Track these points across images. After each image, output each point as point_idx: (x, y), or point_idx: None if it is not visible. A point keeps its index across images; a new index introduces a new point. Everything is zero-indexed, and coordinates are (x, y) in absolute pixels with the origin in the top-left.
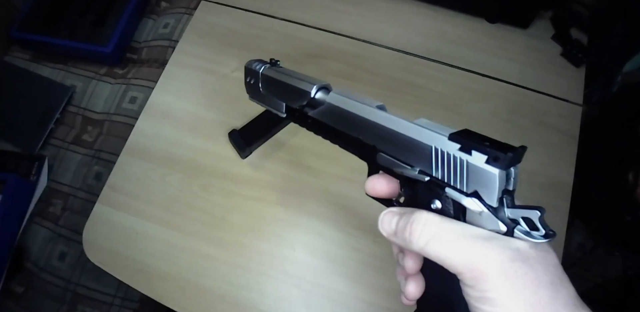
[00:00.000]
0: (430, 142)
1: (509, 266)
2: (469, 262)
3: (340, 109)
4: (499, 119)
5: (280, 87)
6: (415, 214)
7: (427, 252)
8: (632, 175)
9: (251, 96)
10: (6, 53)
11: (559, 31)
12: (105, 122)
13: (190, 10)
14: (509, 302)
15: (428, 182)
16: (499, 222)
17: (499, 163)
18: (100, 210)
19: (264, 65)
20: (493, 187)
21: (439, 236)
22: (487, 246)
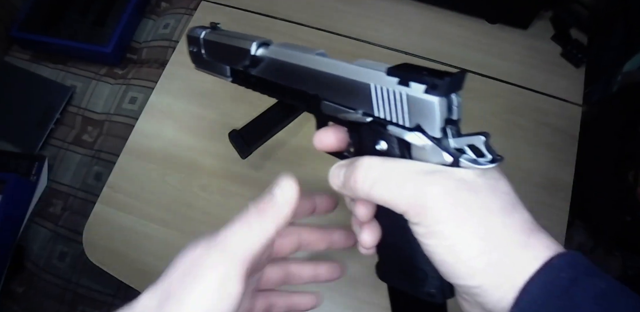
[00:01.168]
0: (368, 80)
1: (453, 196)
2: (411, 198)
3: (281, 62)
4: (499, 119)
5: (223, 49)
6: (358, 161)
7: (373, 196)
8: (632, 175)
9: (197, 66)
10: (6, 53)
11: (559, 31)
12: (105, 122)
13: (190, 10)
14: (457, 232)
15: (370, 123)
16: (443, 153)
17: (437, 90)
18: (100, 210)
19: (205, 30)
20: (434, 117)
21: (381, 178)
22: (428, 179)
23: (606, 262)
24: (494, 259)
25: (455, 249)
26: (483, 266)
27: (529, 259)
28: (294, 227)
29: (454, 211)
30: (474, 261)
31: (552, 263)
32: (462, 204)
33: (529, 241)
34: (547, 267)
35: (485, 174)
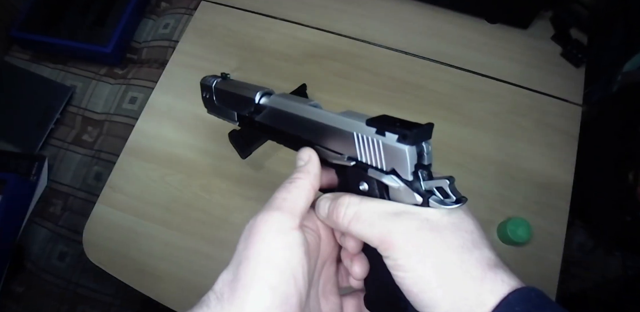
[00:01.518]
0: (351, 129)
1: (415, 234)
2: (380, 236)
3: (280, 110)
4: (499, 119)
5: (231, 97)
6: (340, 198)
7: (351, 231)
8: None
9: (209, 110)
10: (6, 53)
11: (559, 31)
12: (105, 122)
13: (190, 10)
14: (419, 266)
15: (354, 166)
16: (414, 194)
17: (407, 140)
18: (100, 210)
19: (217, 80)
20: (405, 163)
21: (358, 216)
22: (395, 219)
23: (606, 262)
24: (451, 291)
25: (418, 281)
26: (441, 297)
27: (485, 293)
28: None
29: (416, 248)
30: (433, 292)
31: (508, 299)
32: (423, 242)
33: (486, 275)
34: (503, 302)
35: (450, 214)
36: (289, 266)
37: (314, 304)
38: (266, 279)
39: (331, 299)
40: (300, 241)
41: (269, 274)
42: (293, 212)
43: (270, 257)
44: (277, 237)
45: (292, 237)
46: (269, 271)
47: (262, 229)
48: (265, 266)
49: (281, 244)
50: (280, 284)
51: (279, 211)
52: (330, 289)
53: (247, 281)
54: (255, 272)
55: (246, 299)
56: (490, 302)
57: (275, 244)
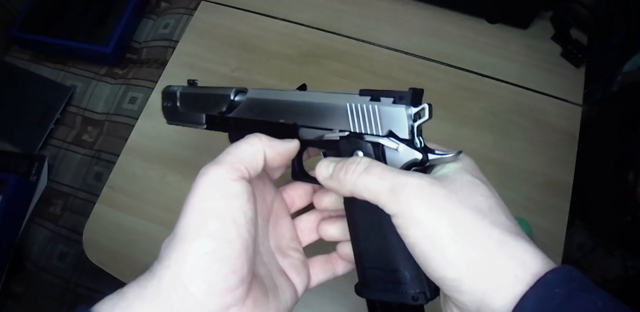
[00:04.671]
0: (344, 102)
1: (428, 188)
2: (390, 187)
3: (259, 99)
4: (499, 119)
5: (200, 99)
6: (352, 158)
7: (357, 186)
8: (632, 175)
9: (169, 120)
10: (6, 53)
11: (559, 31)
12: (106, 122)
13: (190, 10)
14: (432, 220)
15: (348, 136)
16: (414, 151)
17: (404, 100)
18: (100, 210)
19: (181, 87)
20: (403, 123)
21: (367, 170)
22: (407, 173)
23: (606, 262)
24: (468, 250)
25: (432, 236)
26: (456, 254)
27: (505, 258)
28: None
29: (428, 201)
30: (448, 249)
31: (545, 278)
32: (436, 196)
33: (505, 240)
34: (540, 282)
35: (464, 178)
36: (227, 213)
37: (268, 259)
38: (203, 228)
39: (291, 255)
40: (240, 189)
41: (205, 223)
42: (233, 165)
43: (206, 207)
44: (214, 188)
45: (231, 187)
46: (206, 219)
47: (199, 184)
48: (201, 216)
49: (218, 194)
50: (218, 230)
51: (217, 164)
52: (287, 245)
53: (183, 234)
54: (190, 223)
55: (186, 250)
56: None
57: (211, 195)
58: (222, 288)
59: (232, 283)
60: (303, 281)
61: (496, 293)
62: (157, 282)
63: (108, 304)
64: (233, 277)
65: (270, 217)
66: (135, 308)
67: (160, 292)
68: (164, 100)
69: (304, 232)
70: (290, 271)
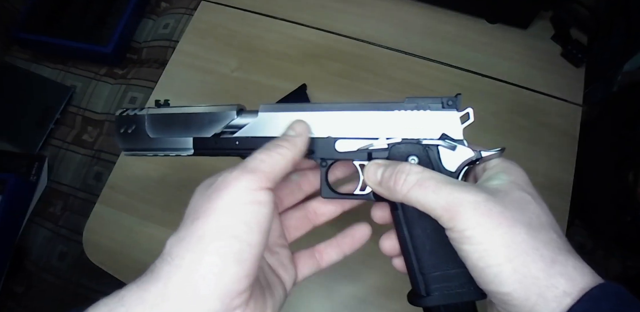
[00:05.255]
0: (392, 109)
1: (483, 205)
2: (446, 204)
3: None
4: (499, 119)
5: (184, 120)
6: (400, 165)
7: (409, 198)
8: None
9: (129, 149)
10: (6, 53)
11: (559, 31)
12: (106, 122)
13: (190, 10)
14: (487, 238)
15: (401, 143)
16: (469, 150)
17: (454, 104)
18: (100, 210)
19: (146, 108)
20: (457, 124)
21: (420, 183)
22: (462, 188)
23: (606, 262)
24: (520, 268)
25: (485, 254)
26: (509, 273)
27: (555, 275)
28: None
29: (484, 218)
30: (501, 267)
31: (592, 292)
32: (491, 214)
33: (556, 257)
34: (587, 296)
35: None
36: (254, 218)
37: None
38: (229, 229)
39: (278, 251)
40: (269, 198)
41: (232, 225)
42: (268, 175)
43: (236, 210)
44: (246, 193)
45: (262, 195)
46: (233, 222)
47: (232, 184)
48: (229, 218)
49: (250, 199)
50: (244, 233)
51: (250, 173)
52: (275, 242)
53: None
54: (214, 224)
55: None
56: (562, 286)
57: (243, 200)
58: (234, 290)
59: (243, 286)
60: (291, 278)
61: (544, 307)
62: (164, 284)
63: (103, 310)
64: (246, 281)
65: None
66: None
67: (166, 295)
68: (120, 126)
69: (289, 229)
70: (278, 269)
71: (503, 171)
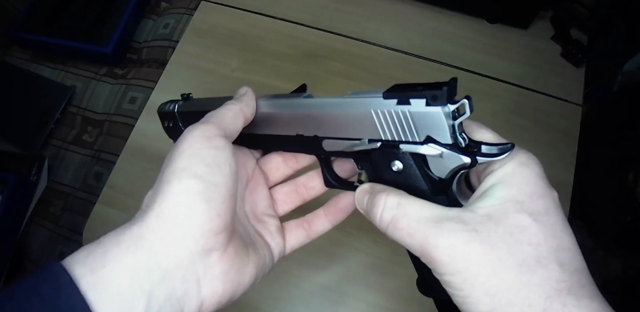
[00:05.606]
0: (367, 108)
1: (462, 249)
2: (420, 248)
3: (271, 113)
4: (499, 119)
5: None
6: (376, 198)
7: (390, 236)
8: (632, 175)
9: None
10: (6, 53)
11: (559, 31)
12: (105, 122)
13: (190, 10)
14: (465, 287)
15: (381, 147)
16: (460, 156)
17: (438, 100)
18: (100, 210)
19: (176, 104)
20: (442, 126)
21: (395, 222)
22: (437, 231)
23: (606, 263)
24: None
25: (466, 301)
26: None
27: None
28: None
29: (462, 264)
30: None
31: None
32: (470, 258)
33: (549, 307)
34: None
35: (505, 222)
36: (214, 160)
37: (244, 221)
38: (189, 170)
39: (267, 220)
40: (225, 144)
41: (192, 166)
42: (218, 125)
43: (194, 153)
44: (203, 140)
45: (218, 140)
46: (193, 163)
47: (188, 136)
48: (189, 160)
49: (206, 144)
50: (205, 173)
51: (203, 123)
52: (262, 211)
53: (168, 177)
54: (177, 167)
55: (172, 189)
56: None
57: (200, 145)
58: (206, 229)
59: (216, 226)
60: (278, 246)
61: None
62: (138, 226)
63: (82, 253)
64: (217, 221)
65: (249, 184)
66: (113, 254)
67: (140, 236)
68: (163, 121)
69: (277, 203)
70: (265, 235)
71: (502, 181)
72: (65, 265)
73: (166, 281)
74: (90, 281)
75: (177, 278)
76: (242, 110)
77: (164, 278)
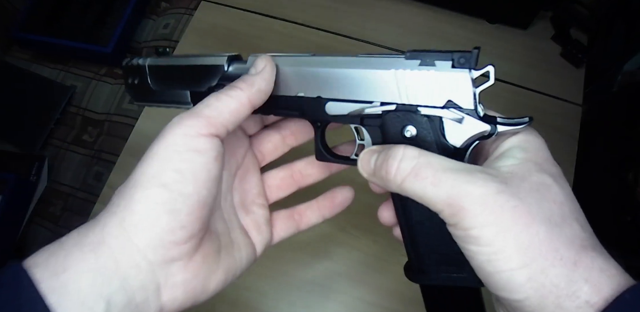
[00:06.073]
0: (387, 68)
1: (494, 199)
2: (447, 197)
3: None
4: None
5: (180, 73)
6: (392, 150)
7: (405, 189)
8: (632, 175)
9: (138, 99)
10: (6, 53)
11: (559, 31)
12: (105, 122)
13: (190, 10)
14: (497, 240)
15: (396, 110)
16: (481, 123)
17: (466, 63)
18: (100, 210)
19: (147, 58)
20: (467, 90)
21: (416, 172)
22: (468, 179)
23: None
24: (537, 275)
25: (494, 258)
26: (524, 281)
27: (579, 281)
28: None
29: (495, 216)
30: (514, 274)
31: (623, 297)
32: (503, 209)
33: (579, 259)
34: (617, 301)
35: (530, 179)
36: (188, 167)
37: (229, 215)
38: (157, 177)
39: (255, 211)
40: (209, 146)
41: (162, 172)
42: (210, 120)
43: (168, 157)
44: (183, 140)
45: (200, 142)
46: (163, 169)
47: (170, 132)
48: (160, 165)
49: (186, 147)
50: (174, 182)
51: (192, 116)
52: (252, 200)
53: (137, 181)
54: (147, 171)
55: (135, 197)
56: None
57: (178, 147)
58: (167, 241)
59: (179, 238)
60: (264, 239)
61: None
62: (100, 229)
63: (43, 255)
64: (181, 233)
65: (239, 172)
66: (74, 257)
67: (102, 241)
68: (128, 76)
69: (271, 188)
70: (251, 229)
71: (519, 145)
72: (25, 267)
73: (125, 288)
74: (50, 285)
75: (136, 286)
76: (251, 100)
77: (123, 285)
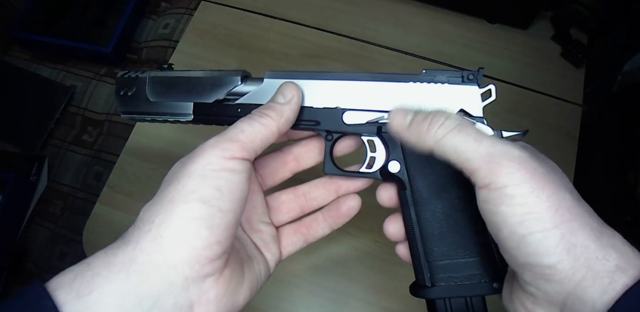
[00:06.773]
0: (407, 81)
1: (530, 163)
2: (487, 154)
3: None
4: (498, 119)
5: (187, 84)
6: (436, 111)
7: (444, 144)
8: (632, 175)
9: (126, 111)
10: (6, 53)
11: (559, 31)
12: (106, 122)
13: (190, 10)
14: (531, 199)
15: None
16: (488, 128)
17: (475, 79)
18: (100, 210)
19: (148, 71)
20: (476, 100)
21: (459, 128)
22: (506, 142)
23: None
24: (567, 235)
25: (528, 218)
26: (557, 240)
27: (606, 247)
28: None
29: (530, 175)
30: (546, 234)
31: None
32: (535, 173)
33: (602, 229)
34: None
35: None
36: (226, 184)
37: (240, 232)
38: (196, 192)
39: (261, 229)
40: (242, 167)
41: (201, 188)
42: (244, 145)
43: (207, 175)
44: (219, 160)
45: (236, 164)
46: (203, 186)
47: (206, 152)
48: (198, 182)
49: (221, 166)
50: (214, 198)
51: (230, 140)
52: (258, 219)
53: (173, 196)
54: (184, 187)
55: (174, 212)
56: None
57: (215, 166)
58: (204, 256)
59: (214, 253)
60: (274, 257)
61: (592, 283)
62: (132, 248)
63: (68, 276)
64: (217, 248)
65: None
66: (102, 278)
67: (133, 260)
68: (120, 88)
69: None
70: (261, 247)
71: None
72: (49, 288)
73: (157, 307)
74: (74, 308)
75: (168, 305)
76: (280, 129)
77: (155, 305)
